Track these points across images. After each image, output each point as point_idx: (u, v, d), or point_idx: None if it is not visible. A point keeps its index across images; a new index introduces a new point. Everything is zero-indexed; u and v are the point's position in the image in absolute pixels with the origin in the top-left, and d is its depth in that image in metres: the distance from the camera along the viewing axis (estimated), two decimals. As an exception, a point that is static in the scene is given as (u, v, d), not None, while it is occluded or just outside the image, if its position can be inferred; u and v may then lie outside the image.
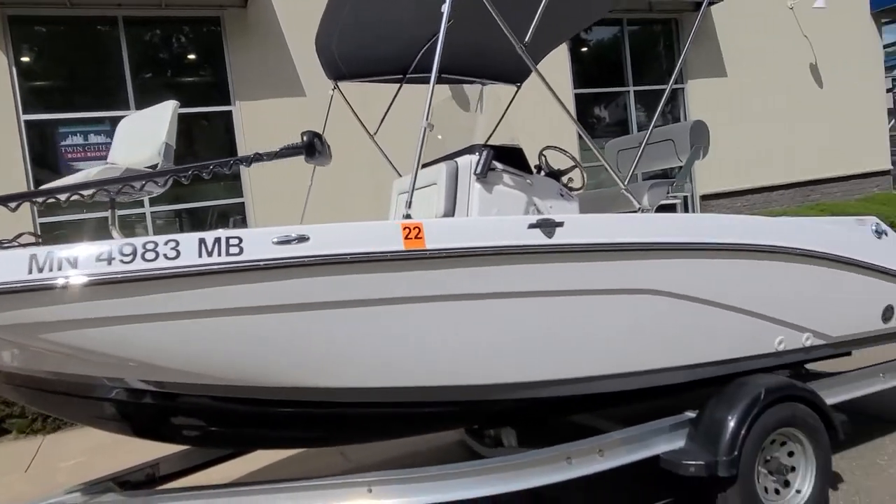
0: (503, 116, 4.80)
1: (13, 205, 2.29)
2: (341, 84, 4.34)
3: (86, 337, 2.09)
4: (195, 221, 7.88)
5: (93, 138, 7.31)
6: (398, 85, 4.53)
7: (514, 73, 4.70)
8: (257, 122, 7.80)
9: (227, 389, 2.31)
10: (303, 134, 2.71)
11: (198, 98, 7.90)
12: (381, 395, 2.43)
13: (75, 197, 2.56)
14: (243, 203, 7.81)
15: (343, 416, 2.54)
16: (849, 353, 3.76)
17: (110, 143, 7.58)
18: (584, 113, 9.96)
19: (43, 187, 2.70)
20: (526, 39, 2.90)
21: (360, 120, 4.36)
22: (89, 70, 7.41)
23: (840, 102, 11.83)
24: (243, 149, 7.76)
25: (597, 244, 2.61)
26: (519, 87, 4.82)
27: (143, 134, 2.94)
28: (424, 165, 3.63)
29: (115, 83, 7.37)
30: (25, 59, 7.17)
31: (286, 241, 2.19)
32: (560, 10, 3.34)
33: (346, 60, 4.17)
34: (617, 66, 10.21)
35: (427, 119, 2.61)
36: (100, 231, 7.05)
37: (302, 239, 2.21)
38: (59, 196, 2.36)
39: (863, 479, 3.33)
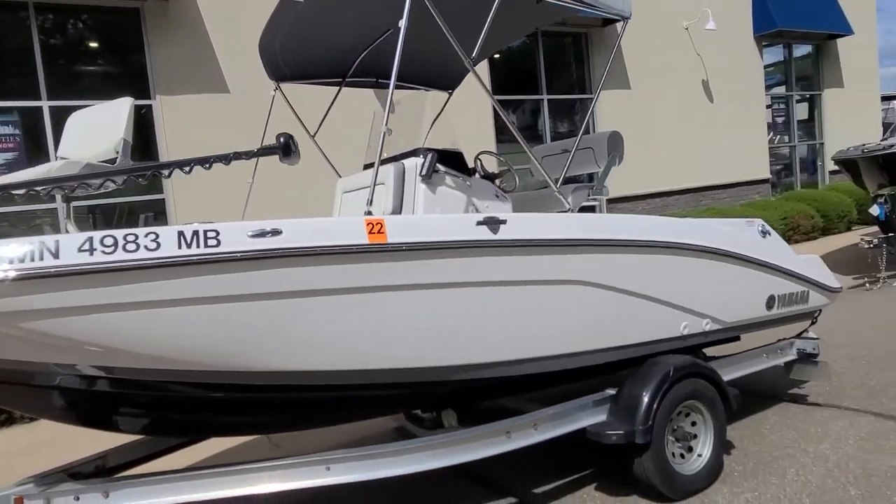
0: (435, 121, 5.09)
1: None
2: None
3: (66, 325, 2.17)
4: (108, 218, 7.63)
5: (0, 129, 6.94)
6: (337, 88, 4.70)
7: (447, 81, 4.99)
8: (179, 117, 7.67)
9: (195, 375, 2.44)
10: (279, 136, 2.87)
11: (115, 91, 7.62)
12: (345, 377, 2.63)
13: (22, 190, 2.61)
14: (164, 199, 7.65)
15: (309, 399, 2.73)
16: (738, 338, 4.33)
17: (19, 135, 7.25)
18: (502, 118, 10.42)
19: (10, 179, 2.69)
20: (474, 54, 3.19)
21: (300, 120, 4.49)
22: (-5, 57, 7.04)
23: (728, 116, 13.00)
24: (164, 144, 7.62)
25: (535, 240, 2.94)
26: (451, 94, 5.12)
27: (98, 129, 2.99)
28: (368, 166, 3.85)
29: (25, 72, 7.03)
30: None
31: (261, 235, 2.36)
32: (500, 25, 3.63)
33: (288, 63, 4.30)
34: (532, 76, 10.76)
35: (385, 125, 2.84)
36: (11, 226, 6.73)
37: (275, 233, 2.39)
38: (37, 189, 2.40)
39: (750, 445, 3.86)
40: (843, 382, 4.71)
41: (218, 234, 2.30)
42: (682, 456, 3.40)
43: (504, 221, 2.87)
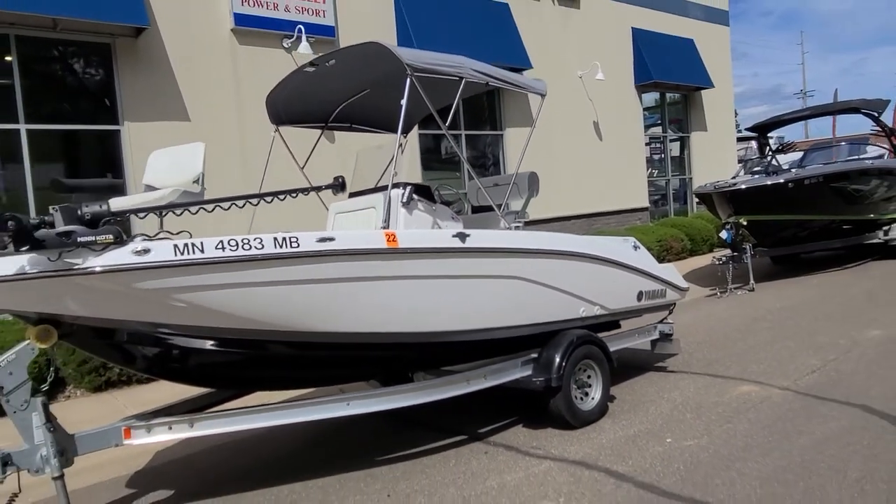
0: (395, 160, 6.44)
1: (143, 214, 3.46)
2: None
3: (205, 296, 3.35)
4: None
5: (-22, 149, 7.57)
6: (320, 131, 5.97)
7: (406, 126, 6.37)
8: (144, 142, 8.52)
9: (279, 334, 3.66)
10: (338, 177, 4.15)
11: (87, 117, 8.45)
12: (369, 338, 3.92)
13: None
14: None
15: (346, 356, 4.01)
16: (619, 325, 5.96)
17: (-6, 155, 7.94)
18: (426, 150, 11.90)
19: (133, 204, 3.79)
20: (447, 122, 4.61)
21: (293, 155, 5.69)
22: (-22, 83, 7.69)
23: (614, 153, 15.19)
24: (131, 165, 8.45)
25: (488, 248, 4.39)
26: (406, 138, 6.50)
27: (179, 165, 4.13)
28: (356, 194, 5.15)
29: (5, 98, 7.71)
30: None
31: (322, 240, 3.64)
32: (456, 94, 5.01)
33: (286, 112, 5.54)
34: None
35: (394, 170, 4.19)
36: None
37: (330, 239, 3.67)
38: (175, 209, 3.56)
39: (626, 396, 5.46)
40: (691, 357, 6.48)
41: (297, 239, 3.56)
42: (582, 399, 4.92)
43: (469, 235, 4.30)
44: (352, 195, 5.20)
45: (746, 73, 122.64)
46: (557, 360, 4.69)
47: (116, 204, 3.69)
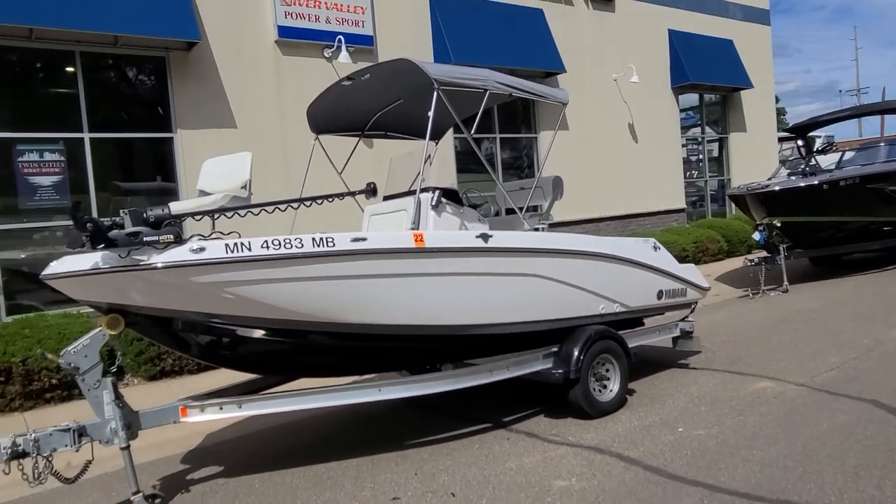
0: (425, 164, 6.81)
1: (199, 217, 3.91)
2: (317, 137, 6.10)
3: (251, 290, 3.77)
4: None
5: (48, 156, 8.25)
6: (357, 138, 6.38)
7: (436, 134, 6.74)
8: (195, 148, 9.12)
9: (317, 325, 4.06)
10: (369, 183, 4.55)
11: (144, 125, 9.10)
12: (399, 330, 4.29)
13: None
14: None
15: (375, 346, 4.39)
16: (642, 323, 6.19)
17: (63, 161, 8.56)
18: (463, 153, 12.24)
19: (193, 209, 4.26)
20: (472, 131, 4.95)
21: (331, 162, 6.11)
22: (47, 96, 8.38)
23: (650, 155, 15.26)
24: (183, 170, 9.05)
25: (510, 247, 4.71)
26: (437, 144, 6.87)
27: (229, 172, 4.58)
28: (390, 197, 5.53)
29: (70, 108, 8.38)
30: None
31: (356, 240, 4.03)
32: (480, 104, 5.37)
33: (325, 121, 5.97)
34: (488, 119, 12.67)
35: (422, 175, 4.55)
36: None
37: (363, 239, 4.06)
38: (227, 212, 4.00)
39: (646, 390, 5.70)
40: (714, 355, 6.66)
41: (333, 239, 3.95)
42: (600, 391, 5.20)
43: (491, 235, 4.63)
44: (386, 198, 5.59)
45: (798, 70, 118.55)
46: (576, 353, 4.98)
47: (176, 207, 4.15)
